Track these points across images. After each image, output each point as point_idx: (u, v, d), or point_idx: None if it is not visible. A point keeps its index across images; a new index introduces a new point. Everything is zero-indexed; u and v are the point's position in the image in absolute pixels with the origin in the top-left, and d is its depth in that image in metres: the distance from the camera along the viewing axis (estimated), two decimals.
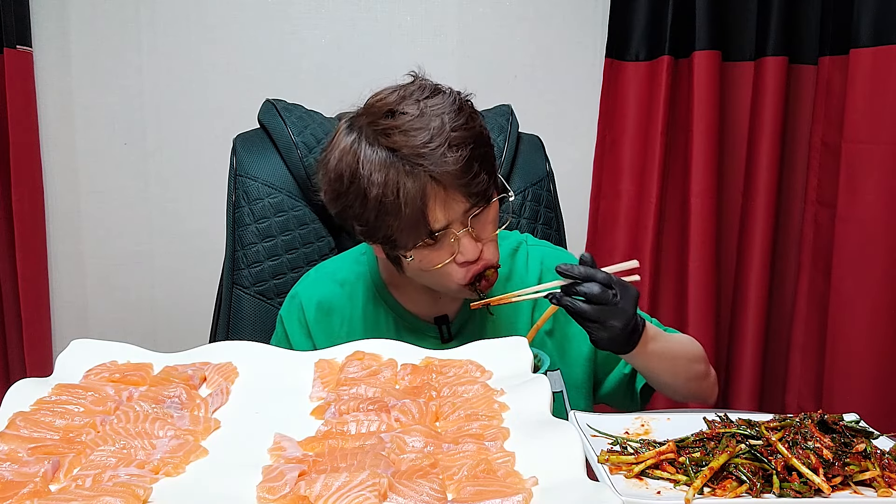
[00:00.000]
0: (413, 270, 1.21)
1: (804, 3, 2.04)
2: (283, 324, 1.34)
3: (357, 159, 1.12)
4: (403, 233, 1.13)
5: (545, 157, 1.60)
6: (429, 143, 1.10)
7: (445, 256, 1.16)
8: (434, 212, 1.12)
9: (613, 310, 1.12)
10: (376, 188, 1.10)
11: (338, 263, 1.38)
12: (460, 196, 1.13)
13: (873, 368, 1.95)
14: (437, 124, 1.11)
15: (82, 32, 2.11)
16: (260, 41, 2.15)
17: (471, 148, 1.13)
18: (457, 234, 1.14)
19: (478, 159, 1.14)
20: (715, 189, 2.09)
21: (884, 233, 1.91)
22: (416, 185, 1.10)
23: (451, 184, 1.11)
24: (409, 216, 1.11)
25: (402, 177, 1.10)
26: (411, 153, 1.10)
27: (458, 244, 1.15)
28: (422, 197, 1.10)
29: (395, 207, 1.10)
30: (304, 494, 0.73)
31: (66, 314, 2.21)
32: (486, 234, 1.18)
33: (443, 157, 1.10)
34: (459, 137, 1.12)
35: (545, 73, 2.21)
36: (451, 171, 1.10)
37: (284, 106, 1.54)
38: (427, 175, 1.10)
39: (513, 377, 1.01)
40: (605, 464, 0.92)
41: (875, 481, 0.88)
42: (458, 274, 1.18)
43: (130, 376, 1.01)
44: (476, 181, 1.13)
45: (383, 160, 1.11)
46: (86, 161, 2.17)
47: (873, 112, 1.89)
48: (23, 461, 0.79)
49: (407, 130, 1.11)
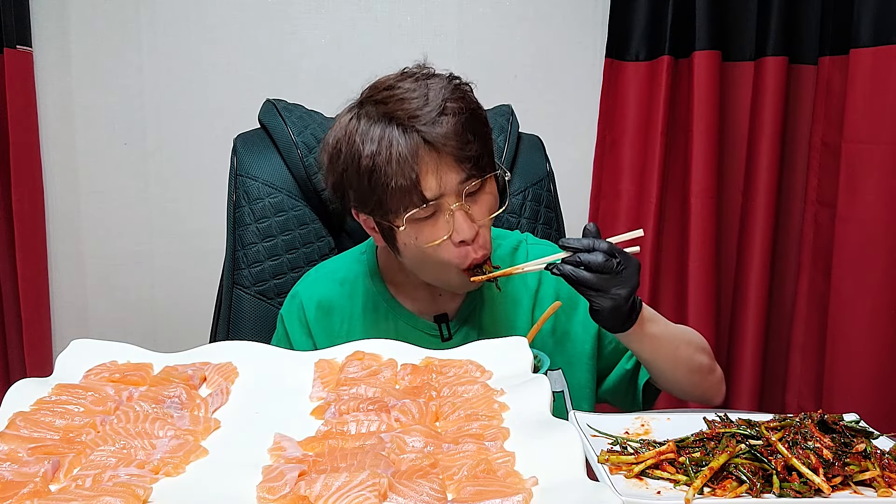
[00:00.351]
0: (410, 254, 1.20)
1: (804, 3, 2.04)
2: (283, 323, 1.34)
3: (354, 127, 1.15)
4: (395, 196, 1.12)
5: (545, 157, 1.60)
6: (423, 108, 1.13)
7: (441, 233, 1.15)
8: (426, 177, 1.12)
9: (617, 278, 1.11)
10: (369, 147, 1.12)
11: (338, 263, 1.38)
12: (453, 163, 1.13)
13: (873, 368, 1.94)
14: (433, 94, 1.14)
15: (82, 32, 2.11)
16: (260, 41, 2.15)
17: (465, 117, 1.15)
18: (451, 207, 1.14)
19: (471, 130, 1.15)
20: (715, 189, 2.09)
21: (884, 233, 1.91)
22: (408, 145, 1.11)
23: (443, 149, 1.12)
24: (401, 177, 1.11)
25: (395, 137, 1.12)
26: (405, 116, 1.12)
27: (454, 220, 1.14)
28: (414, 158, 1.11)
29: (387, 167, 1.11)
30: (304, 494, 0.73)
31: (66, 314, 2.21)
32: (482, 215, 1.18)
33: (436, 121, 1.12)
34: (454, 108, 1.14)
35: (545, 73, 2.21)
36: (444, 134, 1.12)
37: (285, 106, 1.54)
38: (420, 137, 1.12)
39: (513, 377, 1.01)
40: (605, 464, 0.92)
41: (875, 481, 0.88)
42: (454, 256, 1.17)
43: (130, 376, 1.01)
44: (469, 148, 1.14)
45: (380, 125, 1.13)
46: (86, 161, 2.17)
47: (873, 112, 1.89)
48: (23, 461, 0.79)
49: (403, 98, 1.14)
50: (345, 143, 1.16)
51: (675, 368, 1.26)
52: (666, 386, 1.31)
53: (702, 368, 1.30)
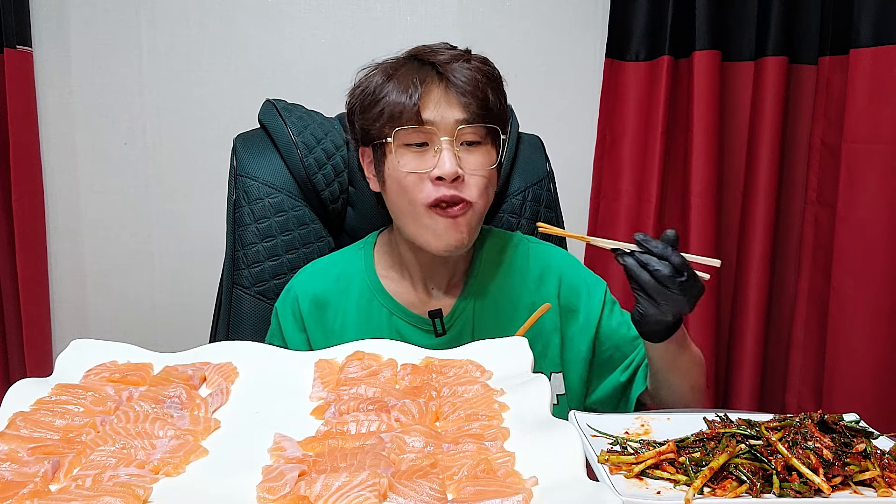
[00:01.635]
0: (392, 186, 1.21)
1: (804, 3, 2.04)
2: (277, 317, 1.35)
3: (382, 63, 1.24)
4: (394, 109, 1.16)
5: (545, 157, 1.60)
6: (448, 51, 1.21)
7: (424, 167, 1.17)
8: (427, 101, 1.16)
9: (674, 297, 1.09)
10: (385, 75, 1.20)
11: (334, 258, 1.39)
12: (457, 100, 1.17)
13: (873, 368, 1.95)
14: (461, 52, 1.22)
15: (82, 32, 2.11)
16: (260, 41, 2.15)
17: (485, 73, 1.20)
18: (442, 145, 1.16)
19: (486, 83, 1.19)
20: (715, 189, 2.09)
21: (884, 233, 1.91)
22: (420, 70, 1.18)
23: (451, 85, 1.17)
24: (404, 99, 1.15)
25: (412, 64, 1.20)
26: (428, 51, 1.21)
27: (439, 156, 1.15)
28: (422, 81, 1.16)
29: (395, 85, 1.17)
30: (304, 494, 0.73)
31: (66, 314, 2.21)
32: (473, 165, 1.18)
33: (454, 63, 1.18)
34: (478, 65, 1.21)
35: (545, 73, 2.21)
36: (457, 71, 1.17)
37: (284, 106, 1.54)
38: (434, 68, 1.18)
39: (513, 377, 1.01)
40: (605, 464, 0.92)
41: (875, 481, 0.88)
42: (427, 189, 1.17)
43: (130, 376, 1.01)
44: (477, 96, 1.17)
45: (403, 59, 1.22)
46: (86, 161, 2.17)
47: (873, 112, 1.89)
48: (23, 461, 0.79)
49: (433, 48, 1.23)
50: (366, 71, 1.24)
51: (682, 385, 1.26)
52: (660, 400, 1.30)
53: (701, 389, 1.30)
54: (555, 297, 1.32)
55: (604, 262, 2.18)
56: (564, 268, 1.36)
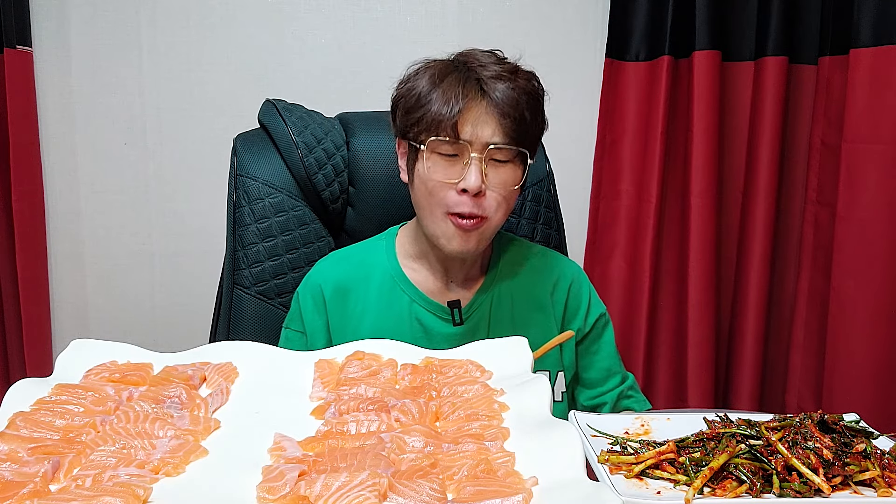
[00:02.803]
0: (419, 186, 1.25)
1: (804, 3, 2.04)
2: (298, 301, 1.37)
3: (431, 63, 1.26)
4: (432, 120, 1.20)
5: (545, 158, 1.60)
6: (495, 67, 1.23)
7: (452, 176, 1.21)
8: (466, 118, 1.19)
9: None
10: (431, 76, 1.23)
11: (354, 248, 1.42)
12: (495, 120, 1.20)
13: (873, 368, 1.95)
14: (509, 66, 1.25)
15: (82, 32, 2.11)
16: (260, 41, 2.15)
17: (526, 94, 1.23)
18: (471, 159, 1.20)
19: (527, 107, 1.23)
20: (715, 189, 2.09)
21: (884, 233, 1.91)
22: (465, 84, 1.21)
23: (492, 103, 1.20)
24: (445, 110, 1.19)
25: (459, 77, 1.22)
26: (476, 65, 1.23)
27: (468, 170, 1.20)
28: (464, 96, 1.19)
29: (438, 95, 1.20)
30: (304, 494, 0.73)
31: (66, 314, 2.21)
32: (497, 182, 1.23)
33: (499, 82, 1.21)
34: (523, 83, 1.24)
35: (545, 73, 2.18)
36: (500, 91, 1.20)
37: (285, 106, 1.54)
38: (479, 84, 1.21)
39: (513, 377, 1.01)
40: (605, 464, 0.92)
41: (875, 481, 0.88)
42: (450, 198, 1.22)
43: (130, 376, 1.01)
44: (515, 116, 1.21)
45: (451, 65, 1.25)
46: (86, 161, 2.17)
47: (873, 112, 1.89)
48: (23, 461, 0.79)
49: (482, 61, 1.25)
50: (417, 69, 1.26)
51: None
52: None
53: None
54: (562, 304, 1.38)
55: (602, 267, 2.18)
56: (575, 280, 1.41)
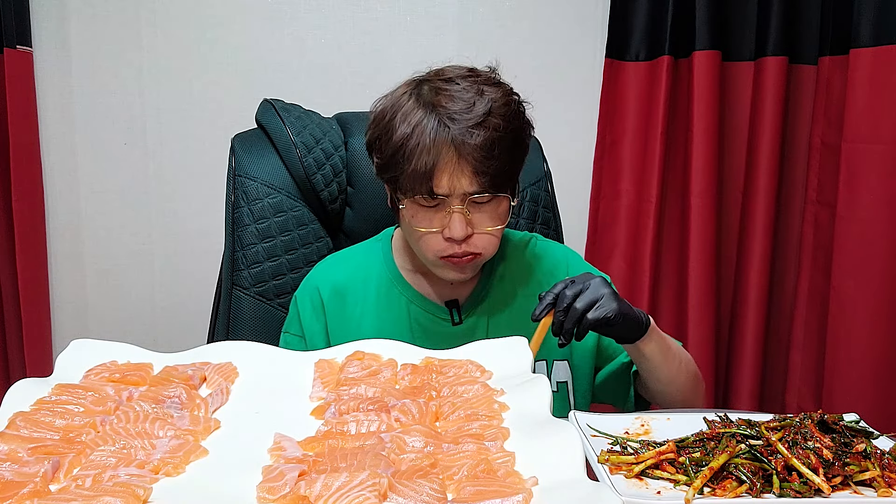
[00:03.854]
0: (405, 224, 1.25)
1: (804, 3, 2.04)
2: (296, 305, 1.37)
3: (403, 103, 1.21)
4: (408, 180, 1.18)
5: (543, 158, 1.60)
6: (466, 113, 1.17)
7: (435, 225, 1.21)
8: (441, 175, 1.17)
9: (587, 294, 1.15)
10: (404, 128, 1.18)
11: (352, 251, 1.42)
12: (470, 172, 1.17)
13: (873, 368, 1.94)
14: (482, 104, 1.18)
15: (82, 32, 2.11)
16: (260, 41, 2.15)
17: (500, 137, 1.18)
18: (452, 209, 1.19)
19: (503, 150, 1.19)
20: (715, 189, 2.09)
21: (884, 233, 1.91)
22: (436, 140, 1.17)
23: (466, 157, 1.17)
24: (419, 168, 1.17)
25: (430, 128, 1.17)
26: (446, 114, 1.17)
27: (450, 219, 1.19)
28: (437, 153, 1.16)
29: (411, 154, 1.17)
30: (304, 494, 0.73)
31: (66, 314, 2.21)
32: (482, 223, 1.22)
33: (471, 131, 1.16)
34: (495, 122, 1.18)
35: (545, 73, 2.21)
36: (472, 144, 1.16)
37: (282, 106, 1.54)
38: (450, 137, 1.16)
39: (513, 377, 1.01)
40: (605, 464, 0.92)
41: (875, 481, 0.88)
42: (437, 245, 1.22)
43: (130, 376, 1.01)
44: (491, 165, 1.17)
45: (422, 111, 1.19)
46: (86, 161, 2.17)
47: (873, 112, 1.89)
48: (23, 461, 0.79)
49: (454, 96, 1.19)
50: (389, 113, 1.22)
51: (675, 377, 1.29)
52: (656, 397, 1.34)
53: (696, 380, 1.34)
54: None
55: (602, 267, 2.18)
56: (571, 262, 1.41)
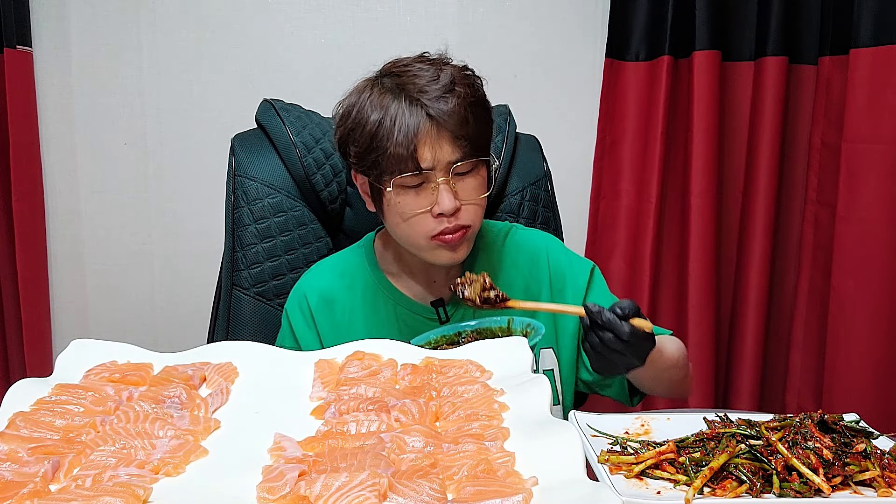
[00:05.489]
0: (392, 217, 1.25)
1: (804, 3, 2.04)
2: (287, 318, 1.37)
3: (367, 95, 1.24)
4: (392, 160, 1.19)
5: (542, 157, 1.60)
6: (433, 85, 1.20)
7: (423, 204, 1.21)
8: (423, 148, 1.19)
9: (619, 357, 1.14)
10: (377, 114, 1.20)
11: (336, 258, 1.42)
12: (450, 140, 1.20)
13: (873, 368, 1.94)
14: (444, 77, 1.22)
15: (82, 32, 2.11)
16: (260, 41, 2.14)
17: (470, 101, 1.22)
18: (437, 181, 1.20)
19: (473, 113, 1.22)
20: (715, 189, 2.09)
21: (884, 233, 1.91)
22: (413, 118, 1.19)
23: (443, 125, 1.19)
24: (401, 145, 1.18)
25: (402, 108, 1.19)
26: (414, 90, 1.20)
27: (437, 194, 1.20)
28: (415, 129, 1.18)
29: (389, 133, 1.19)
30: (304, 494, 0.73)
31: (66, 314, 2.21)
32: (467, 194, 1.23)
33: (442, 99, 1.19)
34: (461, 91, 1.21)
35: (545, 73, 2.21)
36: (447, 112, 1.19)
37: (282, 106, 1.54)
38: (424, 111, 1.19)
39: (513, 377, 1.01)
40: (605, 464, 0.92)
41: (875, 481, 0.88)
42: (427, 225, 1.22)
43: (130, 376, 1.01)
44: (467, 129, 1.20)
45: (390, 95, 1.21)
46: (86, 161, 2.17)
47: (873, 112, 1.89)
48: (23, 461, 0.79)
49: (416, 75, 1.22)
50: (356, 107, 1.23)
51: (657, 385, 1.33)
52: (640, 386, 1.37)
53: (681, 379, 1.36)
54: (546, 278, 1.37)
55: (602, 267, 2.18)
56: (551, 250, 1.41)
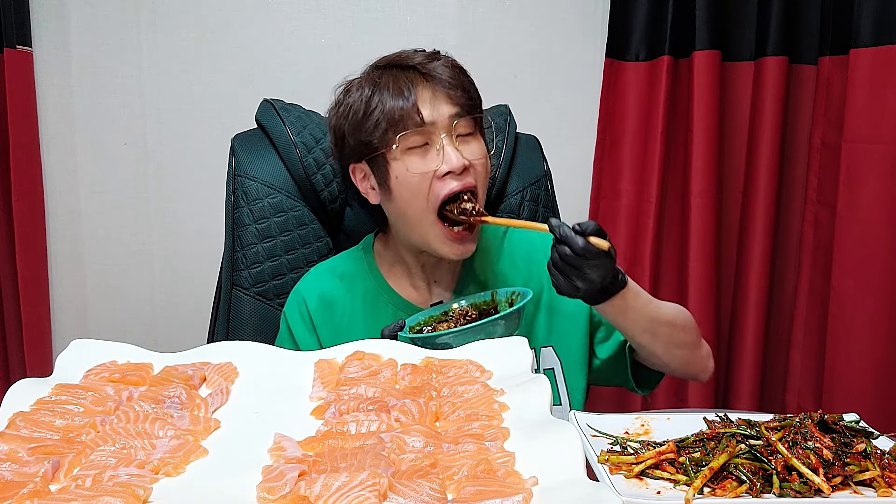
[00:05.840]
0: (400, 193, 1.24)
1: (804, 3, 2.04)
2: (286, 320, 1.37)
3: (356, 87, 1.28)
4: (394, 114, 1.21)
5: (542, 157, 1.60)
6: (419, 54, 1.27)
7: (431, 167, 1.22)
8: (422, 104, 1.21)
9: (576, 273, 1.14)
10: (371, 86, 1.25)
11: (336, 261, 1.42)
12: (446, 97, 1.23)
13: (873, 368, 1.94)
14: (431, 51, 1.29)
15: (82, 32, 2.11)
16: (260, 41, 2.15)
17: (458, 70, 1.27)
18: (441, 138, 1.21)
19: (464, 75, 1.28)
20: (715, 189, 2.09)
21: (884, 233, 1.91)
22: (407, 78, 1.23)
23: (438, 83, 1.24)
24: (399, 99, 1.21)
25: (396, 73, 1.24)
26: (406, 60, 1.26)
27: (443, 152, 1.21)
28: (412, 86, 1.22)
29: (387, 93, 1.22)
30: (304, 494, 0.73)
31: (66, 314, 2.21)
32: (470, 153, 1.24)
33: (434, 65, 1.25)
34: (449, 60, 1.28)
35: (545, 73, 2.21)
36: (440, 75, 1.23)
37: (282, 106, 1.54)
38: (417, 71, 1.24)
39: (513, 377, 1.01)
40: (605, 464, 0.92)
41: (875, 481, 0.88)
42: (436, 189, 1.22)
43: (130, 376, 1.01)
44: (460, 86, 1.24)
45: (380, 68, 1.27)
46: (86, 161, 2.17)
47: (873, 112, 1.89)
48: (23, 461, 0.79)
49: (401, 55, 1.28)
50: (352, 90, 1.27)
51: (653, 343, 1.27)
52: (649, 360, 1.33)
53: (684, 344, 1.31)
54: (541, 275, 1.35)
55: None
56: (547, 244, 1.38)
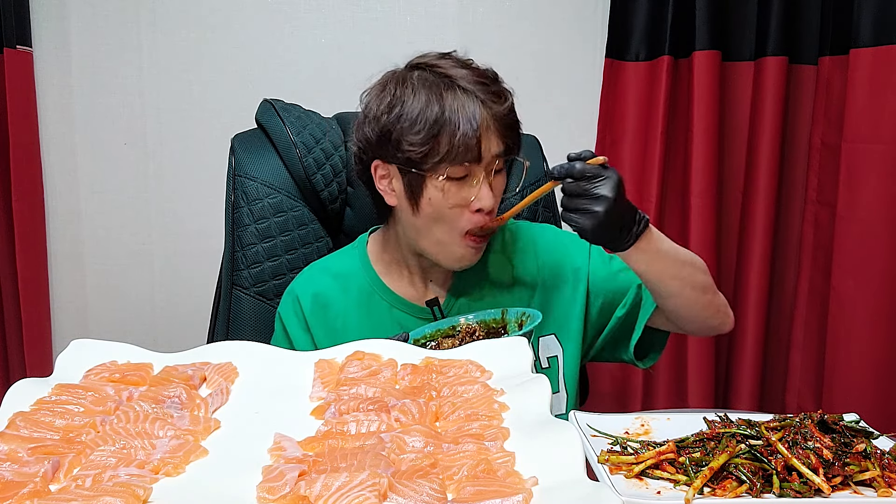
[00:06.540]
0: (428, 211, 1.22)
1: (804, 3, 2.04)
2: (281, 321, 1.36)
3: (409, 81, 1.20)
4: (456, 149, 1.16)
5: (543, 157, 1.60)
6: (481, 79, 1.21)
7: (465, 198, 1.21)
8: (483, 140, 1.18)
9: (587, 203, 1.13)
10: (435, 105, 1.17)
11: (330, 259, 1.42)
12: (499, 135, 1.20)
13: (873, 368, 1.94)
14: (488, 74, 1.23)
15: (82, 32, 2.11)
16: (260, 41, 2.15)
17: (511, 102, 1.23)
18: (480, 176, 1.19)
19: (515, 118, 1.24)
20: (715, 189, 2.09)
21: (884, 233, 1.91)
22: (473, 107, 1.18)
23: (496, 121, 1.19)
24: (467, 134, 1.16)
25: (461, 98, 1.18)
26: (465, 81, 1.19)
27: (480, 189, 1.19)
28: (477, 119, 1.17)
29: (455, 123, 1.16)
30: (304, 494, 0.73)
31: (66, 314, 2.21)
32: (499, 191, 1.23)
33: (493, 96, 1.20)
34: (505, 89, 1.23)
35: (545, 73, 2.21)
36: (498, 107, 1.19)
37: (282, 106, 1.54)
38: (479, 101, 1.18)
39: (513, 377, 1.01)
40: (605, 464, 0.92)
41: (875, 481, 0.88)
42: (464, 220, 1.22)
43: (130, 376, 1.01)
44: (513, 132, 1.22)
45: (441, 83, 1.19)
46: (86, 161, 2.17)
47: (873, 112, 1.89)
48: (23, 461, 0.79)
49: (458, 66, 1.22)
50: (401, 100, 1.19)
51: (682, 287, 1.24)
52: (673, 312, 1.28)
53: (707, 287, 1.28)
54: (534, 267, 1.37)
55: None
56: (539, 237, 1.40)
